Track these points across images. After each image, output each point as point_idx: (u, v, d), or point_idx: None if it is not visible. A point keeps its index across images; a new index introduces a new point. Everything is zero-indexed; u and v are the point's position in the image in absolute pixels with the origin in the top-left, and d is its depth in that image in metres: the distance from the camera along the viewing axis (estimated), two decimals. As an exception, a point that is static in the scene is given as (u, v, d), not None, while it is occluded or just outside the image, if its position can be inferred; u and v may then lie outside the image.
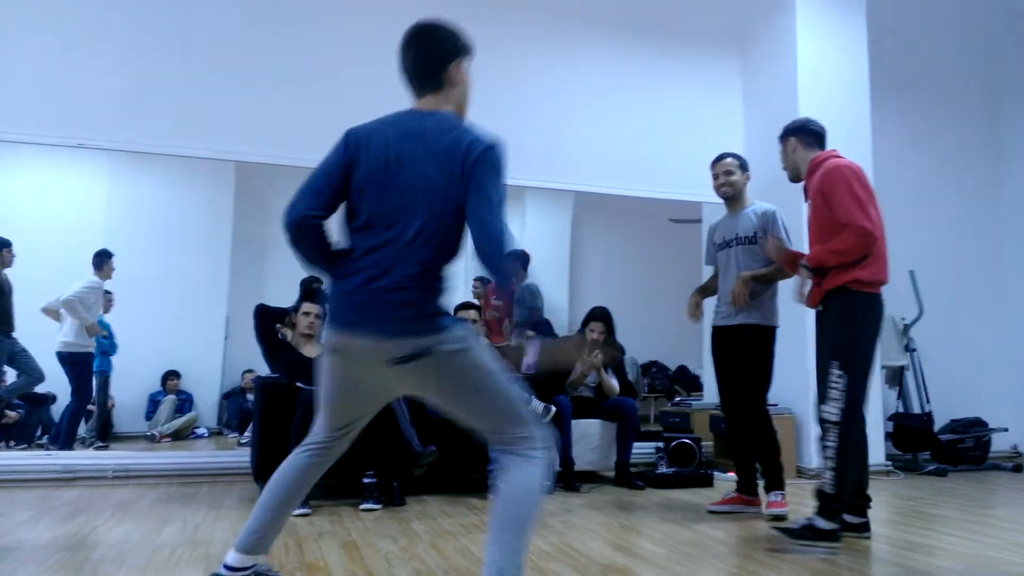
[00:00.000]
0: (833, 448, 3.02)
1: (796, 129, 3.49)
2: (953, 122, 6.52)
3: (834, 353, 3.10)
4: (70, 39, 4.67)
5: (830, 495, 3.02)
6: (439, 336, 1.97)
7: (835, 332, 3.14)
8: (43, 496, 4.09)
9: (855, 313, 3.11)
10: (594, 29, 5.82)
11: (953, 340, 6.20)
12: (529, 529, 1.95)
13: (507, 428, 2.06)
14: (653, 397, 8.71)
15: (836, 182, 3.16)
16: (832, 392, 3.05)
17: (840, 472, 3.01)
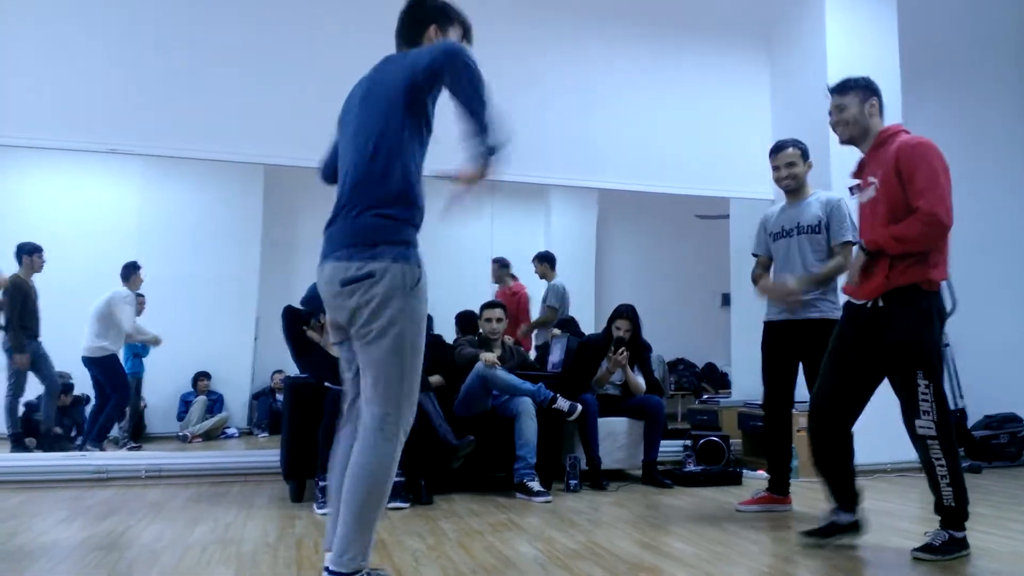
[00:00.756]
0: (943, 464, 2.82)
1: (877, 89, 3.11)
2: (987, 112, 6.40)
3: (917, 361, 2.84)
4: (102, 47, 4.74)
5: (954, 508, 2.86)
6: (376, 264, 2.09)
7: (913, 337, 2.86)
8: (77, 496, 4.16)
9: (931, 315, 2.87)
10: (619, 25, 5.79)
11: (987, 334, 6.09)
12: (372, 508, 2.07)
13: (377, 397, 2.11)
14: (680, 395, 8.65)
15: (920, 158, 2.85)
16: (923, 404, 2.82)
17: (959, 483, 2.84)
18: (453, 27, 2.41)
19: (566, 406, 4.39)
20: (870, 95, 3.08)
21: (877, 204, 2.97)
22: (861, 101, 3.07)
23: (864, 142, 3.09)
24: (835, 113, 3.12)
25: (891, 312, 2.90)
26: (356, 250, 2.12)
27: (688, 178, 5.81)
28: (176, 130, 4.81)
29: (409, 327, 2.11)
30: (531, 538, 3.21)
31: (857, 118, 3.07)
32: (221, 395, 7.74)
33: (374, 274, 2.08)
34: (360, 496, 2.07)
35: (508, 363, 4.63)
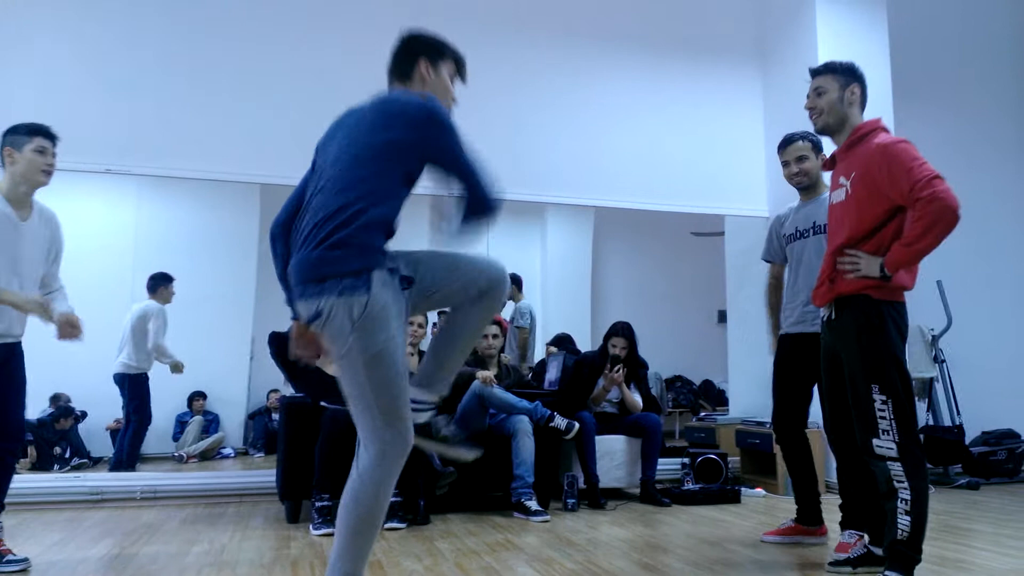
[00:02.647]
0: (905, 487, 2.54)
1: (861, 76, 2.88)
2: (978, 129, 6.45)
3: (869, 375, 2.62)
4: (96, 67, 4.76)
5: (907, 544, 2.54)
6: (333, 299, 1.98)
7: (861, 348, 2.65)
8: (72, 517, 4.14)
9: (882, 325, 2.64)
10: (613, 46, 5.83)
11: (983, 350, 6.10)
12: (369, 530, 2.05)
13: (371, 425, 2.05)
14: (678, 412, 8.63)
15: (898, 154, 2.62)
16: (881, 423, 2.58)
17: (921, 514, 2.54)
18: (444, 62, 2.38)
19: (563, 424, 4.38)
20: (852, 81, 2.85)
21: (848, 209, 2.75)
22: (842, 86, 2.83)
23: (840, 134, 2.85)
24: (812, 97, 2.88)
25: (840, 324, 2.74)
26: (307, 287, 2.03)
27: (683, 196, 5.84)
28: (172, 150, 4.83)
29: (363, 359, 2.00)
30: (529, 558, 3.19)
31: (835, 104, 2.83)
32: (217, 415, 7.70)
33: (321, 313, 2.00)
34: (349, 523, 2.05)
35: (505, 381, 4.63)
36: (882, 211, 2.67)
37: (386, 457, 2.05)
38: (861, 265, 2.66)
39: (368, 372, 2.00)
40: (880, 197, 2.67)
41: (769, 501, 4.77)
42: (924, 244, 2.55)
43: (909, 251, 2.58)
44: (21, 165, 3.06)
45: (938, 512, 4.33)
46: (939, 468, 5.50)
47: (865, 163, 2.71)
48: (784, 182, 3.93)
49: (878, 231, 2.68)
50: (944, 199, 2.50)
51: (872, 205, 2.68)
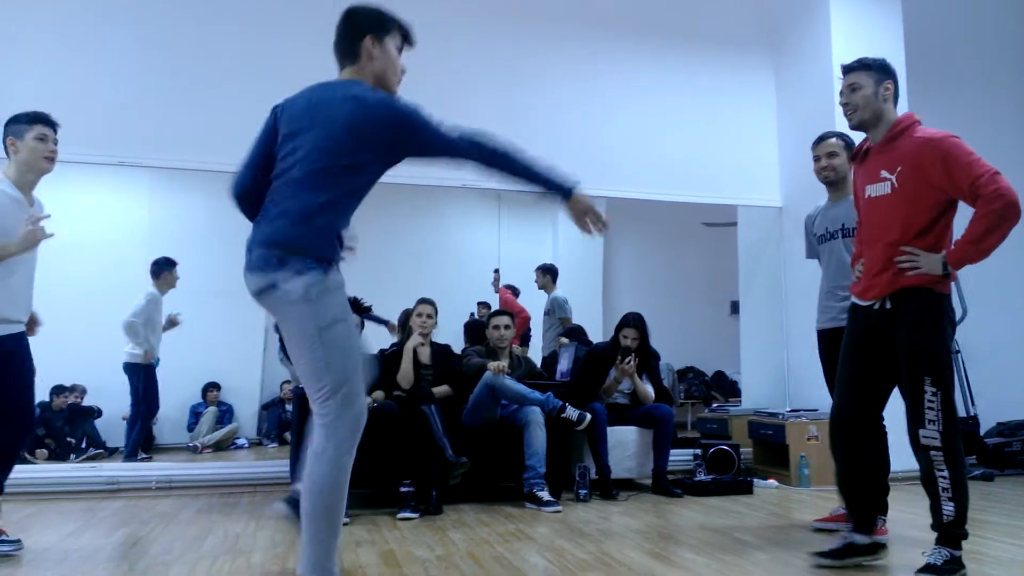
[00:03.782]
0: (946, 476, 2.67)
1: (894, 72, 2.93)
2: (995, 117, 6.38)
3: (925, 367, 2.68)
4: (109, 60, 4.78)
5: (954, 524, 2.67)
6: (279, 274, 2.12)
7: (921, 342, 2.70)
8: (89, 507, 4.18)
9: (941, 319, 2.70)
10: (625, 36, 5.81)
11: (998, 341, 6.06)
12: (328, 515, 2.09)
13: (322, 400, 2.16)
14: (690, 403, 8.62)
15: (952, 148, 2.67)
16: (929, 413, 2.67)
17: (962, 498, 2.67)
18: (390, 35, 2.38)
19: (575, 415, 4.38)
20: (886, 77, 2.90)
21: (895, 203, 2.77)
22: (876, 82, 2.87)
23: (875, 129, 2.89)
24: (846, 93, 2.92)
25: (899, 315, 2.75)
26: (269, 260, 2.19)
27: (695, 186, 5.81)
28: (184, 142, 4.85)
29: (318, 328, 2.15)
30: (541, 548, 3.20)
31: (870, 100, 2.87)
32: (231, 406, 7.76)
33: (276, 286, 2.15)
34: (307, 508, 2.12)
35: (516, 372, 4.63)
36: (935, 205, 2.72)
37: (337, 431, 2.12)
38: (921, 262, 2.70)
39: (323, 341, 2.12)
40: (933, 191, 2.71)
41: (782, 492, 4.76)
42: (991, 242, 2.62)
43: (976, 248, 2.63)
44: (24, 153, 3.15)
45: (952, 503, 4.31)
46: (953, 459, 5.48)
47: (914, 157, 2.74)
48: (797, 172, 3.98)
49: (933, 227, 2.73)
50: (1009, 196, 2.58)
51: (925, 200, 2.72)
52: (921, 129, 2.82)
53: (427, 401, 4.17)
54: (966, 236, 2.64)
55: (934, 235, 2.73)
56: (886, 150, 2.85)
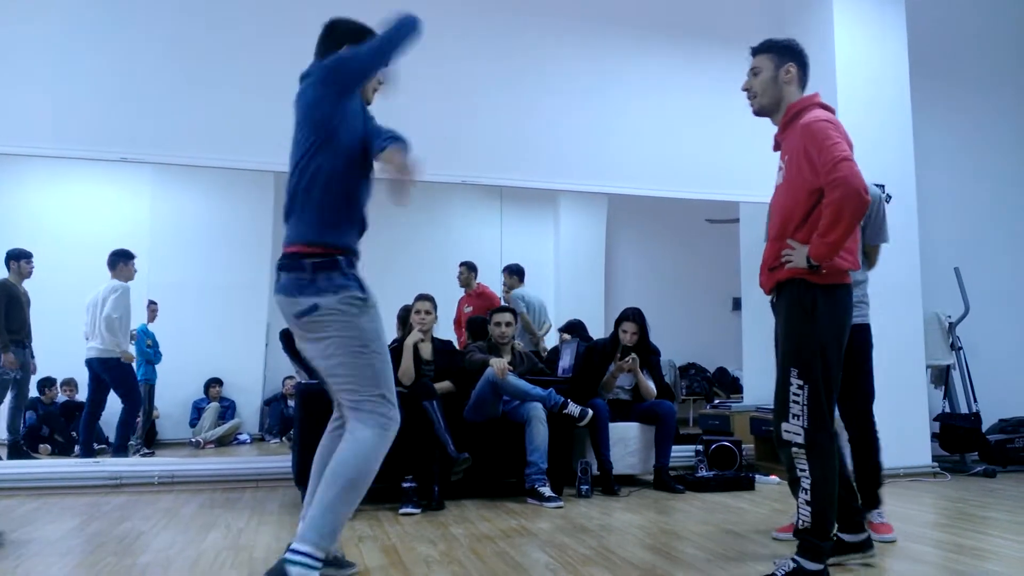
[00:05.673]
0: (807, 477, 2.47)
1: (798, 54, 2.74)
2: (998, 111, 6.37)
3: (791, 359, 2.54)
4: (111, 56, 4.78)
5: (811, 532, 2.49)
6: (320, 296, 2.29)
7: (789, 333, 2.57)
8: (91, 503, 4.19)
9: (813, 310, 2.52)
10: (628, 32, 5.79)
11: (1000, 337, 6.05)
12: (358, 487, 2.28)
13: (360, 400, 2.30)
14: (692, 399, 8.63)
15: (816, 133, 2.51)
16: (793, 407, 2.49)
17: (821, 503, 2.47)
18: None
19: (577, 411, 4.38)
20: (787, 60, 2.71)
21: (782, 190, 2.67)
22: (776, 65, 2.71)
23: (776, 115, 2.75)
24: (749, 78, 2.79)
25: (777, 309, 2.67)
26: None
27: (697, 182, 5.80)
28: (186, 138, 4.84)
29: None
30: (543, 544, 3.21)
31: (768, 84, 2.72)
32: (233, 401, 7.77)
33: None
34: (338, 484, 2.26)
35: (518, 368, 4.63)
36: (809, 195, 2.55)
37: (388, 430, 2.32)
38: (793, 256, 2.56)
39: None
40: (804, 179, 2.56)
41: (783, 488, 4.76)
42: (837, 234, 2.42)
43: (825, 243, 2.44)
44: None
45: (954, 500, 4.31)
46: (955, 456, 5.48)
47: (794, 144, 2.61)
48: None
49: (808, 217, 2.56)
50: (848, 182, 2.39)
51: (799, 189, 2.58)
52: (811, 112, 2.63)
53: (429, 397, 4.17)
54: (820, 231, 2.45)
55: (808, 228, 2.54)
56: (783, 139, 2.73)
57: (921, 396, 5.20)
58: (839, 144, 2.47)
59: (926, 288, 5.34)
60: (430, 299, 4.62)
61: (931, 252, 5.62)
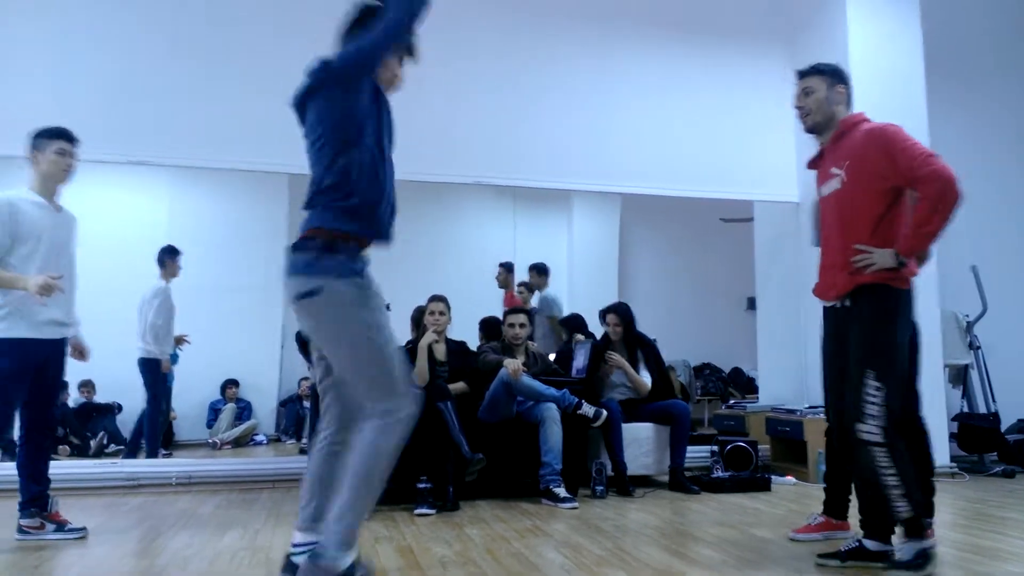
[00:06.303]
0: (893, 472, 2.59)
1: (846, 77, 2.96)
2: (1013, 110, 6.32)
3: (868, 361, 2.65)
4: (127, 58, 4.82)
5: (914, 517, 2.61)
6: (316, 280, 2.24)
7: (869, 335, 2.69)
8: (110, 503, 4.23)
9: (895, 314, 2.68)
10: (641, 30, 5.78)
11: (1019, 336, 6.00)
12: (373, 483, 2.21)
13: (370, 395, 2.23)
14: (707, 400, 8.59)
15: (893, 136, 2.69)
16: (869, 408, 2.61)
17: (913, 490, 2.60)
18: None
19: (591, 412, 4.38)
20: (838, 81, 2.93)
21: (843, 196, 2.80)
22: (829, 86, 2.91)
23: (827, 131, 2.93)
24: (800, 97, 2.96)
25: (856, 312, 2.75)
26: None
27: (711, 181, 5.78)
28: (202, 141, 4.88)
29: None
30: (558, 544, 3.21)
31: (823, 103, 2.90)
32: (249, 402, 7.82)
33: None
34: (359, 476, 2.21)
35: (532, 369, 4.64)
36: (883, 195, 2.71)
37: (397, 422, 2.24)
38: (875, 259, 2.69)
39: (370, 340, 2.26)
40: (878, 180, 2.71)
41: (800, 489, 4.74)
42: (935, 225, 2.59)
43: (920, 234, 2.62)
44: (44, 165, 3.37)
45: (972, 500, 4.28)
46: (974, 456, 5.43)
47: (860, 149, 2.76)
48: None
49: (882, 220, 2.72)
50: (944, 175, 2.56)
51: (872, 191, 2.73)
52: (867, 123, 2.85)
53: (443, 398, 4.18)
54: (911, 223, 2.65)
55: (884, 228, 2.71)
56: (835, 148, 2.89)
57: (939, 396, 5.15)
58: (920, 143, 2.66)
59: (943, 287, 5.29)
60: (444, 300, 4.63)
61: (948, 251, 5.56)
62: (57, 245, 3.36)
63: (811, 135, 3.01)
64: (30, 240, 3.24)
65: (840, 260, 2.79)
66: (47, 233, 3.30)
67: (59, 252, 3.37)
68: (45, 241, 3.29)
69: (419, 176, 5.13)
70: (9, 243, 3.20)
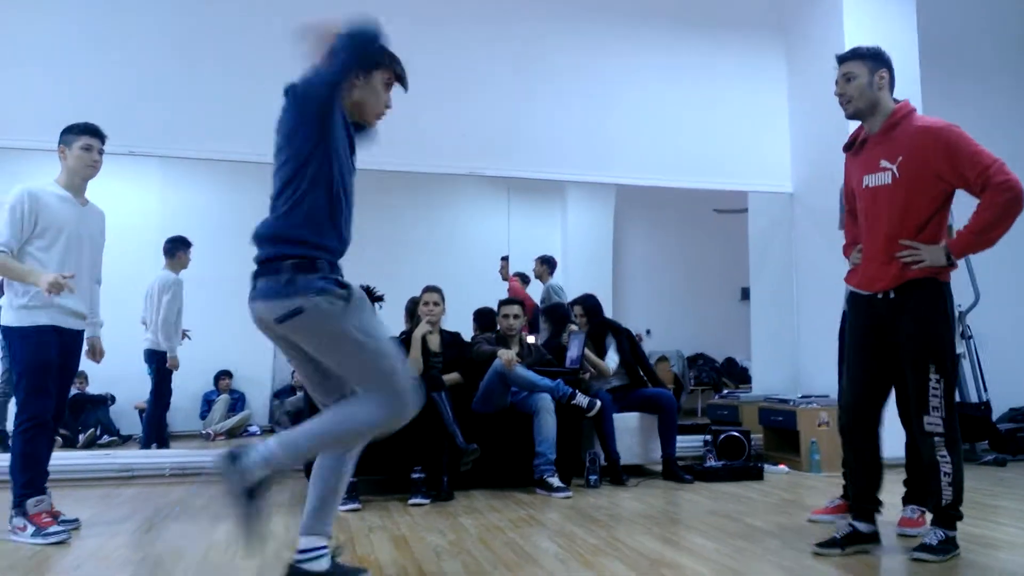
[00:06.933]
0: (948, 462, 2.72)
1: (888, 61, 2.87)
2: (1007, 101, 6.33)
3: (931, 356, 2.71)
4: (118, 49, 4.79)
5: (951, 507, 2.76)
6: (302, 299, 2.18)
7: (928, 331, 2.74)
8: (104, 494, 4.22)
9: (947, 309, 2.76)
10: (635, 21, 5.77)
11: (1011, 326, 6.02)
12: (325, 439, 2.21)
13: (372, 391, 2.22)
14: (700, 390, 8.62)
15: (957, 139, 2.68)
16: (933, 400, 2.70)
17: (960, 483, 2.75)
18: (381, 70, 2.39)
19: (585, 402, 4.39)
20: (880, 66, 2.85)
21: (896, 193, 2.77)
22: (871, 71, 2.83)
23: (872, 117, 2.86)
24: (841, 83, 2.88)
25: (905, 305, 2.76)
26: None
27: (706, 172, 5.79)
28: (194, 131, 4.87)
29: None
30: (551, 533, 3.22)
31: (864, 89, 2.83)
32: (243, 393, 7.80)
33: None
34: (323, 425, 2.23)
35: (526, 360, 4.64)
36: (937, 195, 2.75)
37: (393, 415, 2.22)
38: (924, 255, 2.73)
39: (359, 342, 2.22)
40: (936, 181, 2.73)
41: (792, 478, 4.76)
42: (998, 232, 2.67)
43: (982, 239, 2.69)
44: (71, 160, 3.40)
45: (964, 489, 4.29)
46: (966, 445, 5.44)
47: (915, 146, 2.75)
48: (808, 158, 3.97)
49: (932, 218, 2.76)
50: (1018, 188, 2.62)
51: (927, 190, 2.74)
52: (920, 117, 2.84)
53: (437, 388, 4.18)
54: (971, 226, 2.68)
55: (934, 226, 2.77)
56: (884, 140, 2.84)
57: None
58: (987, 150, 2.70)
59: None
60: (438, 291, 4.62)
61: (941, 241, 5.59)
62: (80, 239, 3.39)
63: (854, 120, 2.96)
64: (50, 231, 3.27)
65: (886, 254, 2.80)
66: (69, 226, 3.33)
67: (81, 246, 3.39)
68: (66, 234, 3.31)
69: (413, 167, 5.13)
70: (28, 233, 3.23)
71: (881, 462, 2.96)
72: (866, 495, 2.93)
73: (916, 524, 3.16)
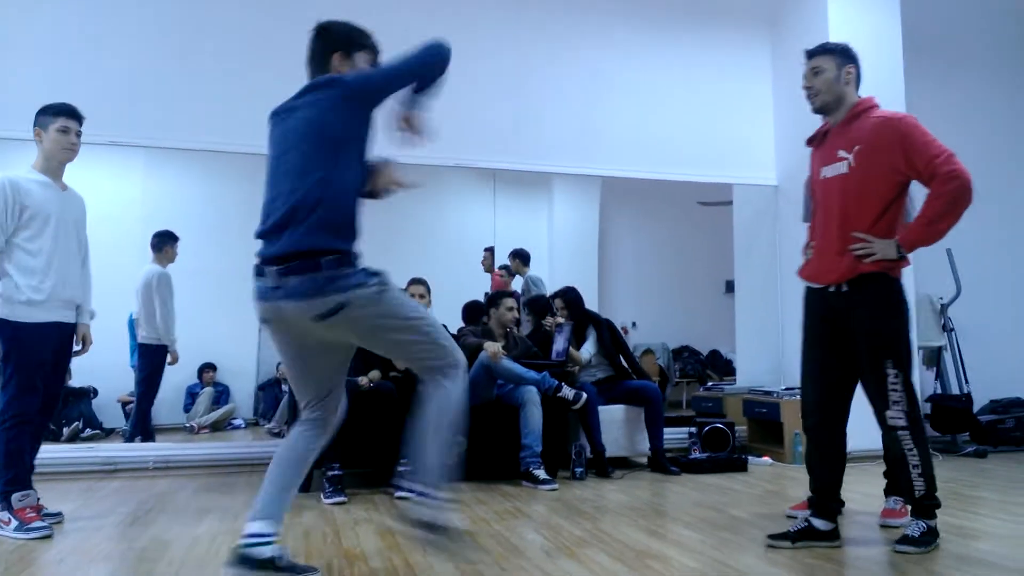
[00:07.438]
0: (914, 453, 2.75)
1: (855, 57, 2.93)
2: (990, 89, 6.37)
3: (886, 351, 2.73)
4: (101, 37, 4.73)
5: (926, 497, 2.79)
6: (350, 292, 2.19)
7: (882, 327, 2.76)
8: (87, 487, 4.19)
9: (900, 304, 2.77)
10: (621, 12, 5.76)
11: (992, 319, 6.09)
12: (451, 431, 2.30)
13: (428, 360, 2.29)
14: (685, 382, 8.65)
15: (911, 129, 2.70)
16: (893, 395, 2.72)
17: (930, 472, 2.78)
18: (360, 53, 2.42)
19: (571, 394, 4.40)
20: (848, 61, 2.90)
21: (849, 181, 2.80)
22: (839, 66, 2.88)
23: (836, 112, 2.91)
24: (809, 77, 2.93)
25: (857, 299, 2.78)
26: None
27: (691, 165, 5.80)
28: (177, 122, 4.82)
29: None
30: (538, 526, 3.22)
31: (832, 83, 2.88)
32: (227, 386, 7.75)
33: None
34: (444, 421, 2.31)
35: (512, 352, 4.64)
36: (891, 187, 2.76)
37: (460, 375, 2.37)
38: (875, 248, 2.73)
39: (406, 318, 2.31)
40: (890, 171, 2.74)
41: (776, 469, 4.80)
42: (946, 223, 2.68)
43: (930, 230, 2.69)
44: (47, 143, 3.28)
45: (945, 480, 4.33)
46: (947, 436, 5.51)
47: (872, 136, 2.77)
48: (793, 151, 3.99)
49: (886, 210, 2.76)
50: (963, 178, 2.61)
51: (881, 180, 2.76)
52: (880, 110, 2.86)
53: (423, 381, 4.17)
54: (920, 217, 2.69)
55: (887, 219, 2.77)
56: (844, 131, 2.88)
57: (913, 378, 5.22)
58: (939, 141, 2.69)
59: (918, 269, 5.33)
60: (424, 283, 4.61)
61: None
62: (67, 224, 3.28)
63: (819, 115, 3.00)
64: (36, 220, 3.16)
65: (839, 246, 2.81)
66: (56, 213, 3.22)
67: (68, 232, 3.29)
68: (54, 221, 3.21)
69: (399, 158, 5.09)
70: (14, 225, 3.13)
71: (844, 460, 2.95)
72: (827, 492, 2.91)
73: (899, 515, 3.19)
